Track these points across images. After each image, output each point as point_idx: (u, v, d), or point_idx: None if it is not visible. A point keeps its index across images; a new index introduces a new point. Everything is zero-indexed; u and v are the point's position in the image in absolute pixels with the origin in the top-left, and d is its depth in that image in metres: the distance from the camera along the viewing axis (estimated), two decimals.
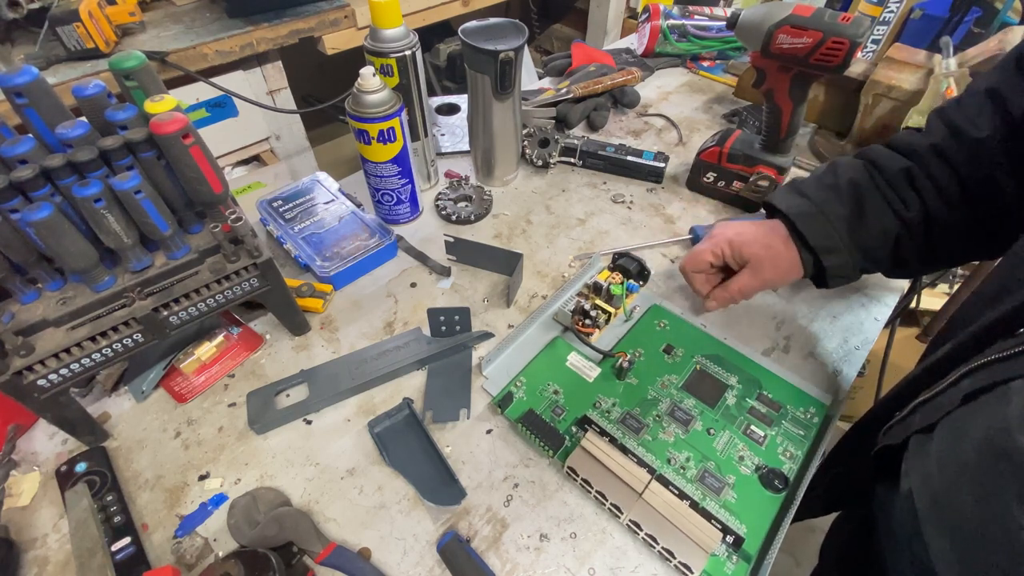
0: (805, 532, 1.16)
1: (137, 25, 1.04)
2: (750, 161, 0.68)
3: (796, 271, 0.51)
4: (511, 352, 0.55)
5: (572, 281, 0.62)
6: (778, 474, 0.45)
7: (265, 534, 0.42)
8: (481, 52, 0.62)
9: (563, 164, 0.81)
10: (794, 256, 0.51)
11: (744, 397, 0.51)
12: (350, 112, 0.59)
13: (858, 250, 0.49)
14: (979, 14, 0.84)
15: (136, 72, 0.42)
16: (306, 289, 0.60)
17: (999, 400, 0.30)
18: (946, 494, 0.33)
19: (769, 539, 0.42)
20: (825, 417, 0.49)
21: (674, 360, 0.54)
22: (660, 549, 0.41)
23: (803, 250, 0.51)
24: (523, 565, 0.42)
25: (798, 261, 0.51)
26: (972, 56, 0.64)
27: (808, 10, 0.55)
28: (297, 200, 0.69)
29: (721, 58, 1.04)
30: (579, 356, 0.54)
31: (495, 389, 0.52)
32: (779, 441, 0.48)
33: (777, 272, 0.52)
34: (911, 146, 0.49)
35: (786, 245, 0.51)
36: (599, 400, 0.51)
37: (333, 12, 1.16)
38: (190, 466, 0.48)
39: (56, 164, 0.37)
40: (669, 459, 0.46)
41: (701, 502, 0.44)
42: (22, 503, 0.45)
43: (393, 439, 0.49)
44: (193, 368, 0.53)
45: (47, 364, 0.41)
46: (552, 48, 2.46)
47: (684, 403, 0.50)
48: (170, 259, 0.46)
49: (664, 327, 0.57)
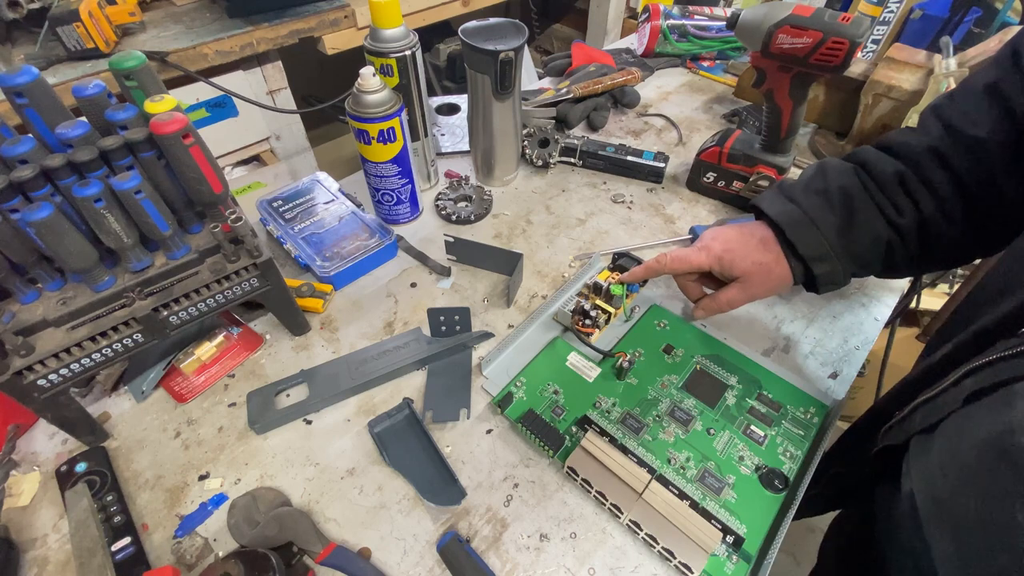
0: (805, 532, 1.17)
1: (137, 25, 1.04)
2: (750, 161, 0.68)
3: (786, 282, 0.51)
4: (511, 352, 0.55)
5: (572, 281, 0.62)
6: (778, 474, 0.45)
7: (265, 534, 0.42)
8: (481, 52, 0.62)
9: (563, 164, 0.81)
10: (784, 269, 0.50)
11: (744, 397, 0.51)
12: (350, 112, 0.59)
13: (848, 257, 0.48)
14: (979, 14, 0.84)
15: (136, 72, 0.42)
16: (306, 289, 0.60)
17: (1002, 401, 0.30)
18: (948, 496, 0.33)
19: (769, 539, 0.42)
20: (825, 417, 0.49)
21: (674, 360, 0.54)
22: (660, 549, 0.41)
23: (792, 258, 0.50)
24: (523, 565, 0.42)
25: (788, 272, 0.50)
26: (972, 56, 0.64)
27: (808, 10, 0.55)
28: (297, 200, 0.69)
29: (721, 58, 1.04)
30: (579, 356, 0.54)
31: (495, 389, 0.52)
32: (779, 441, 0.48)
33: (766, 287, 0.51)
34: (904, 147, 0.48)
35: (776, 259, 0.50)
36: (599, 400, 0.51)
37: (333, 12, 1.16)
38: (190, 466, 0.48)
39: (56, 164, 0.37)
40: (669, 459, 0.46)
41: (701, 502, 0.44)
42: (22, 503, 0.45)
43: (393, 439, 0.49)
44: (193, 368, 0.53)
45: (47, 364, 0.41)
46: (552, 48, 2.46)
47: (684, 403, 0.50)
48: (170, 259, 0.46)
49: (664, 327, 0.57)
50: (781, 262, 0.50)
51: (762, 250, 0.50)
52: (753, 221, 0.54)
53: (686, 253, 0.53)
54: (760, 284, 0.51)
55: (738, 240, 0.52)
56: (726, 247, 0.51)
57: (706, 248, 0.52)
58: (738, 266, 0.50)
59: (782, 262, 0.50)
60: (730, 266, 0.51)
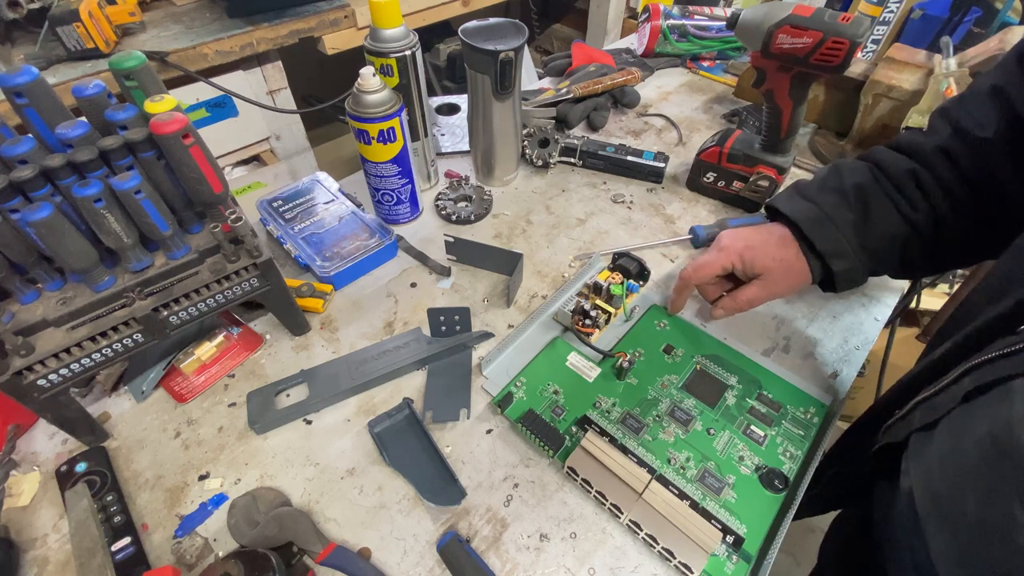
0: (805, 532, 1.16)
1: (137, 25, 1.04)
2: (750, 161, 0.68)
3: (806, 279, 0.51)
4: (511, 352, 0.55)
5: (572, 281, 0.62)
6: (778, 474, 0.45)
7: (265, 534, 0.42)
8: (481, 52, 0.62)
9: (563, 164, 0.81)
10: (803, 267, 0.50)
11: (744, 397, 0.51)
12: (350, 112, 0.59)
13: (866, 253, 0.49)
14: (979, 14, 0.84)
15: (136, 72, 0.42)
16: (306, 289, 0.60)
17: (1001, 398, 0.30)
18: (947, 493, 0.33)
19: (769, 539, 0.42)
20: (825, 417, 0.49)
21: (674, 360, 0.54)
22: (660, 549, 0.41)
23: (811, 256, 0.50)
24: (523, 565, 0.42)
25: (807, 269, 0.50)
26: (972, 56, 0.64)
27: (808, 10, 0.55)
28: (297, 200, 0.69)
29: (721, 58, 1.04)
30: (579, 356, 0.54)
31: (495, 389, 0.52)
32: (779, 441, 0.48)
33: (788, 283, 0.51)
34: (915, 147, 0.49)
35: (796, 256, 0.51)
36: (599, 400, 0.51)
37: (333, 12, 1.16)
38: (190, 466, 0.48)
39: (56, 164, 0.37)
40: (669, 459, 0.46)
41: (701, 502, 0.44)
42: (22, 503, 0.45)
43: (393, 439, 0.49)
44: (193, 368, 0.53)
45: (47, 364, 0.41)
46: (552, 48, 2.46)
47: (684, 403, 0.50)
48: (170, 259, 0.46)
49: (664, 327, 0.57)
50: (800, 259, 0.50)
51: (782, 247, 0.51)
52: (769, 222, 0.54)
53: (707, 260, 0.53)
54: (781, 280, 0.51)
55: (758, 238, 0.52)
56: (747, 244, 0.52)
57: (726, 249, 0.52)
58: (759, 262, 0.51)
59: (801, 259, 0.50)
60: (751, 263, 0.51)
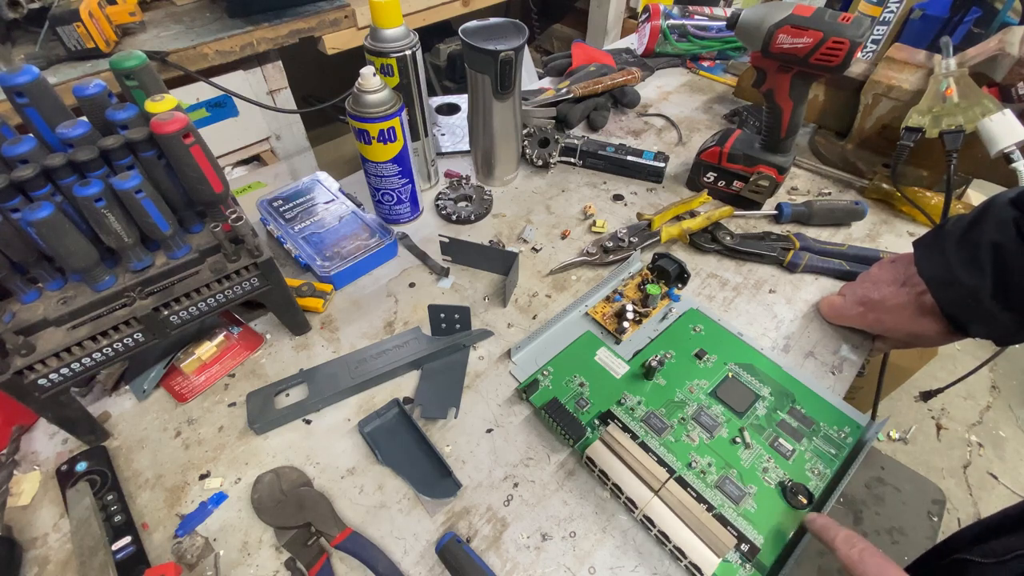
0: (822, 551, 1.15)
1: (137, 25, 1.05)
2: (750, 161, 0.68)
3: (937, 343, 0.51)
4: (541, 342, 0.56)
5: (609, 278, 0.62)
6: (802, 489, 0.44)
7: (286, 511, 0.43)
8: (481, 52, 0.62)
9: (563, 164, 0.81)
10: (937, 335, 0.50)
11: (776, 409, 0.50)
12: (350, 112, 0.59)
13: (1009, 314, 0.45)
14: (979, 14, 0.84)
15: (136, 72, 0.43)
16: (306, 289, 0.60)
17: None
18: None
19: (786, 553, 0.41)
20: (859, 439, 0.48)
21: (705, 365, 0.53)
22: (671, 548, 0.40)
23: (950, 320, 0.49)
24: (523, 564, 0.42)
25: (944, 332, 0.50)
26: (972, 56, 0.64)
27: (808, 10, 0.55)
28: (297, 200, 0.69)
29: (721, 58, 1.04)
30: (608, 352, 0.54)
31: (522, 375, 0.52)
32: (807, 457, 0.46)
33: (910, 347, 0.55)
34: None
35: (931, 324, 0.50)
36: (624, 397, 0.50)
37: (333, 12, 1.16)
38: (190, 465, 0.48)
39: (57, 164, 0.37)
40: (690, 462, 0.46)
41: (719, 508, 0.43)
42: (23, 502, 0.45)
43: (384, 437, 0.49)
44: (193, 368, 0.53)
45: (48, 364, 0.41)
46: (552, 48, 2.46)
47: (711, 409, 0.49)
48: (171, 259, 0.46)
49: (699, 332, 0.56)
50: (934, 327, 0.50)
51: (917, 319, 0.51)
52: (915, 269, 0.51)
53: (842, 310, 0.57)
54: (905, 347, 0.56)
55: (894, 307, 0.52)
56: (877, 317, 0.54)
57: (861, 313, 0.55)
58: (894, 335, 0.54)
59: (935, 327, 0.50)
60: (880, 333, 0.55)
